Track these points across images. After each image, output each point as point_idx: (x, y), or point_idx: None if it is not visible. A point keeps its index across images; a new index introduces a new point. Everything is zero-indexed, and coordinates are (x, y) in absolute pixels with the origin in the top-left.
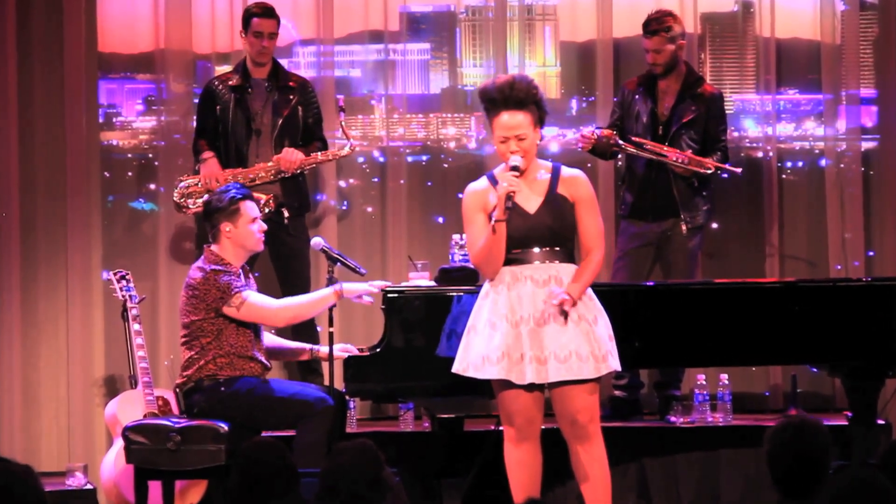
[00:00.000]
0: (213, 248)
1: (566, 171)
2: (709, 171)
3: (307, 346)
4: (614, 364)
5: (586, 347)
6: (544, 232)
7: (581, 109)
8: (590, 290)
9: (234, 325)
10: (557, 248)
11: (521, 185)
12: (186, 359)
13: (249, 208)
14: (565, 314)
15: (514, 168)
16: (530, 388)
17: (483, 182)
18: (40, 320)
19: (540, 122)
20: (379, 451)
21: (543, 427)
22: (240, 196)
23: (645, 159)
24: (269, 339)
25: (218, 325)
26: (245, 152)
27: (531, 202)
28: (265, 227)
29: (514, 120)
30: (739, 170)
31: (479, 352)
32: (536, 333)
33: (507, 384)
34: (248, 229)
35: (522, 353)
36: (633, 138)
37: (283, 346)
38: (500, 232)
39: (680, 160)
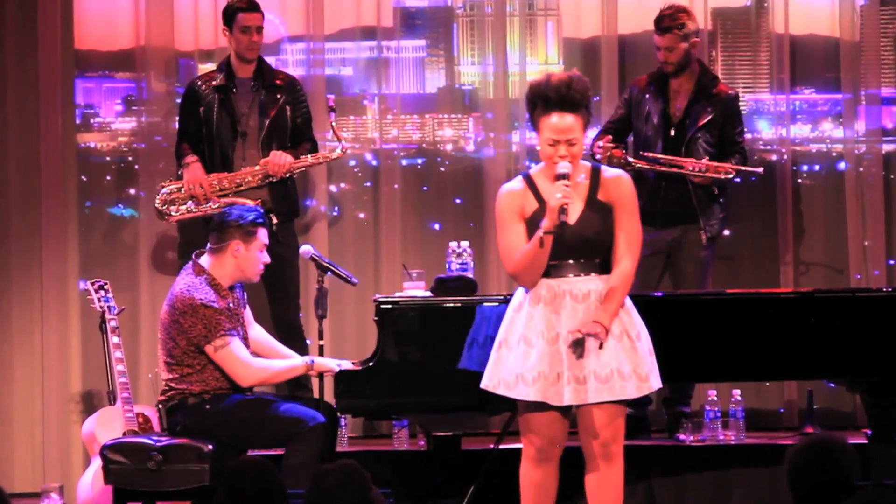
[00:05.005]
0: (206, 260)
1: (607, 172)
2: (730, 176)
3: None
4: (656, 384)
5: (628, 365)
6: (583, 242)
7: None
8: (629, 303)
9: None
10: (597, 260)
11: (572, 195)
12: (168, 378)
13: (264, 235)
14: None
15: (563, 176)
16: (561, 409)
17: (519, 182)
18: (14, 333)
19: (586, 126)
20: (364, 471)
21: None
22: (261, 221)
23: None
24: (259, 362)
25: (201, 361)
26: (231, 156)
27: (571, 209)
28: (268, 259)
29: (564, 122)
30: (761, 169)
31: (512, 369)
32: (575, 351)
33: (538, 405)
34: (255, 255)
35: (559, 373)
36: (646, 154)
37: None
38: (548, 245)
39: (698, 169)
